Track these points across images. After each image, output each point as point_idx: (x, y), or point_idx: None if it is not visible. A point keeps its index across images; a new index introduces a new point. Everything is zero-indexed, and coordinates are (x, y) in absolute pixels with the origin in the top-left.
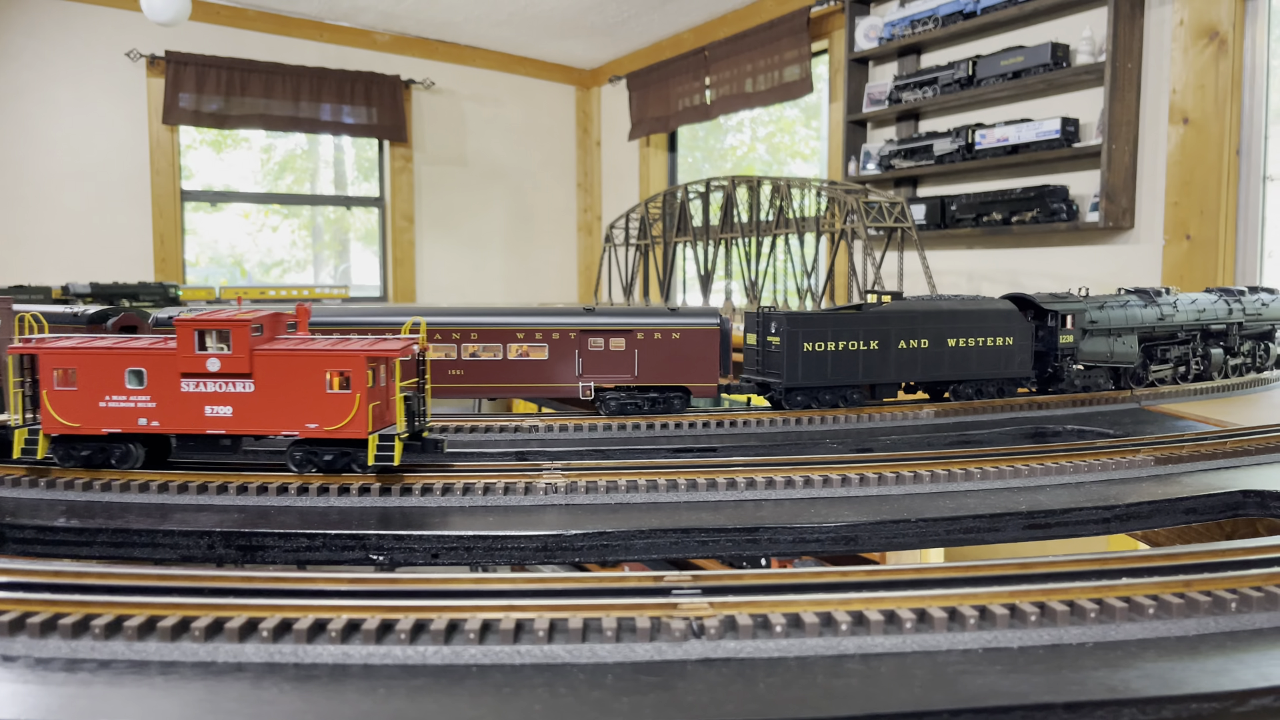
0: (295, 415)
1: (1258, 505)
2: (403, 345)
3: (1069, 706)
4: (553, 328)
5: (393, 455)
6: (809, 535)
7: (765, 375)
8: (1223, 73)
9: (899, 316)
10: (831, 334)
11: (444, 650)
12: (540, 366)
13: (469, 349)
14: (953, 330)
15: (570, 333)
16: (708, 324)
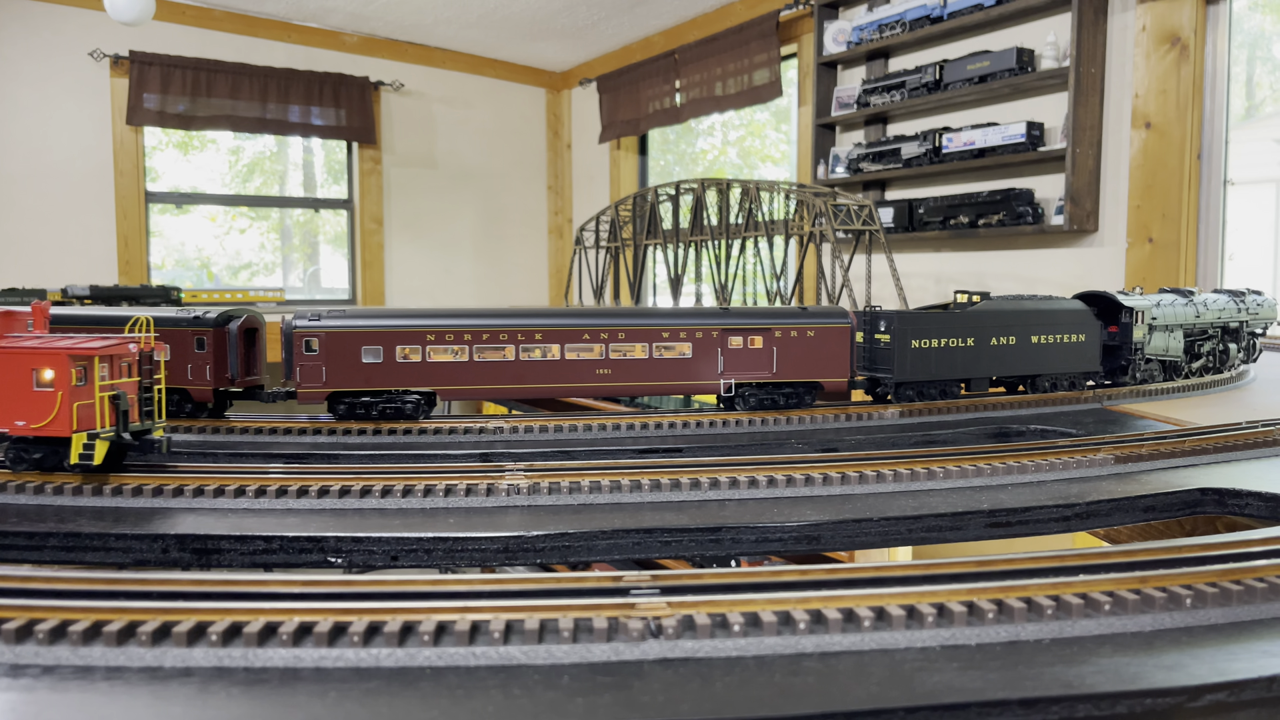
0: (7, 413)
1: (1215, 503)
2: (113, 344)
3: (1024, 702)
4: (696, 327)
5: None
6: (771, 535)
7: (875, 371)
8: (1184, 78)
9: (993, 315)
10: (936, 331)
11: (398, 653)
12: (684, 365)
13: (616, 349)
14: (1036, 328)
15: (713, 332)
16: (840, 323)
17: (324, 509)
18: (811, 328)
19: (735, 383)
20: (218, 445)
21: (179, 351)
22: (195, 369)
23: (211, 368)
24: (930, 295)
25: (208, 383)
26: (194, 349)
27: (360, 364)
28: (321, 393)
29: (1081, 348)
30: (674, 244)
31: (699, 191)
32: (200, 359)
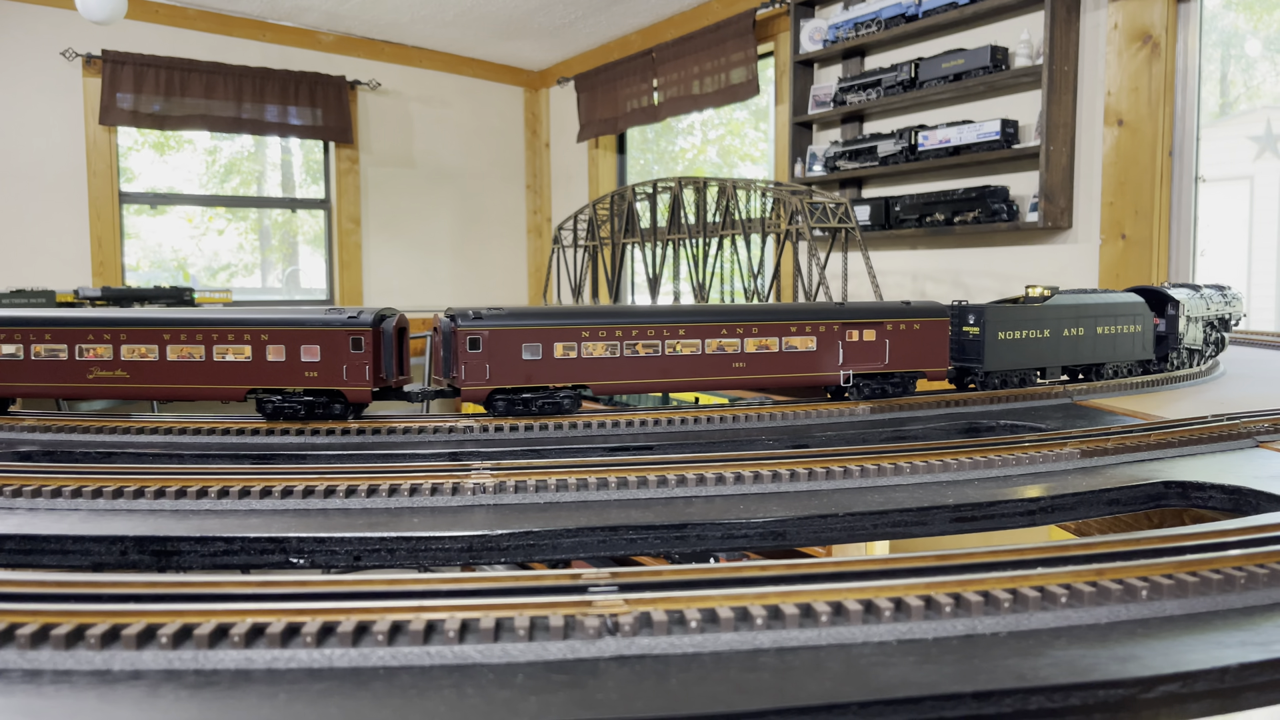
0: None
1: (1179, 495)
2: None
3: (978, 695)
4: (820, 321)
5: None
6: (737, 531)
7: (964, 361)
8: (1155, 76)
9: (1065, 308)
10: (1019, 324)
11: (351, 653)
12: (810, 357)
13: (751, 344)
14: (1101, 320)
15: (834, 326)
16: (939, 317)
17: (287, 509)
18: (916, 321)
19: (853, 373)
20: (184, 447)
21: (334, 353)
22: (352, 370)
23: (370, 368)
24: (907, 292)
25: (365, 383)
26: (349, 349)
27: (520, 361)
28: (485, 389)
29: (1138, 338)
30: (652, 242)
31: (676, 190)
32: (358, 359)
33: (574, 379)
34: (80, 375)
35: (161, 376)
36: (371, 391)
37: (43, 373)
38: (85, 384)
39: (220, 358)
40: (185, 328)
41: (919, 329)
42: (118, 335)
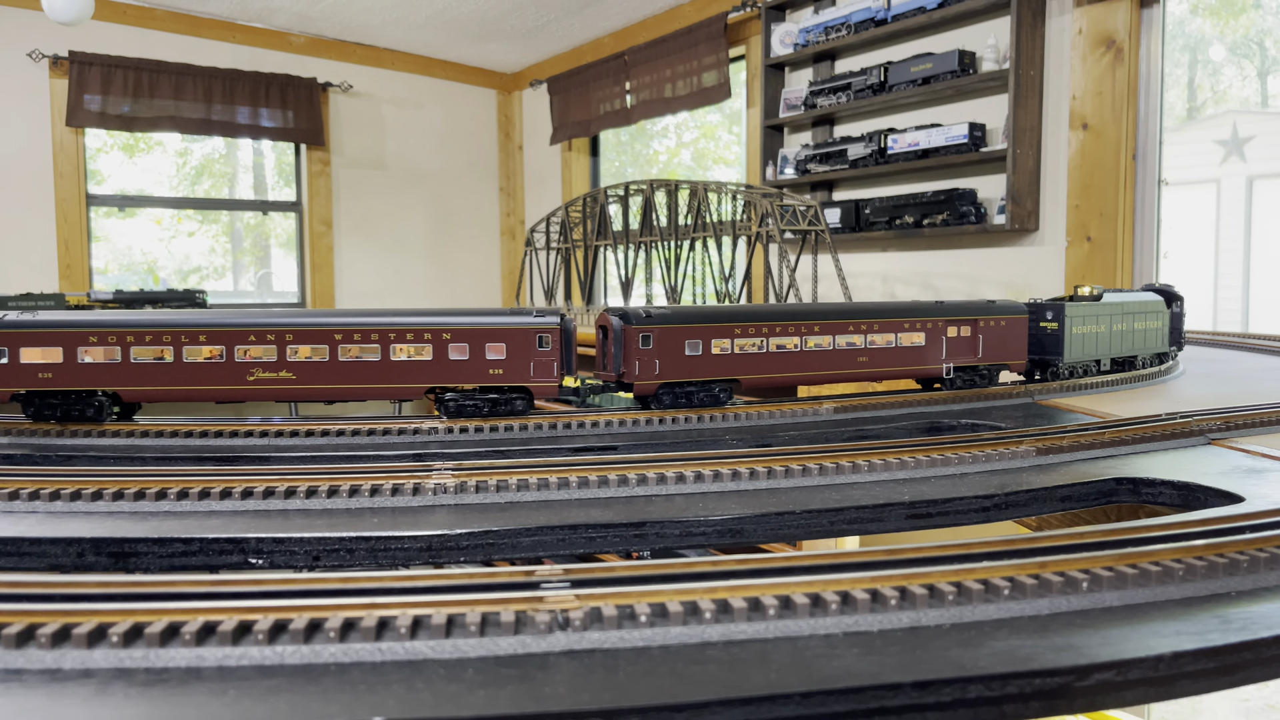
0: None
1: (1130, 492)
2: None
3: (918, 685)
4: (927, 318)
5: None
6: (695, 528)
7: (1043, 354)
8: (1119, 80)
9: (1115, 305)
10: (1089, 320)
11: (303, 650)
12: (919, 351)
13: (873, 339)
14: (1137, 315)
15: (939, 322)
16: (1021, 314)
17: (247, 510)
18: (1002, 318)
19: (952, 366)
20: (145, 449)
21: (521, 351)
22: (539, 366)
23: (557, 364)
24: (877, 294)
25: (553, 379)
26: (536, 347)
27: (684, 357)
28: (654, 384)
29: (1160, 332)
30: (625, 245)
31: (648, 193)
32: (544, 356)
33: (728, 373)
34: (240, 378)
35: (332, 377)
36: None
37: (197, 376)
38: (245, 386)
39: (398, 357)
40: (359, 329)
41: (1004, 325)
42: (283, 336)
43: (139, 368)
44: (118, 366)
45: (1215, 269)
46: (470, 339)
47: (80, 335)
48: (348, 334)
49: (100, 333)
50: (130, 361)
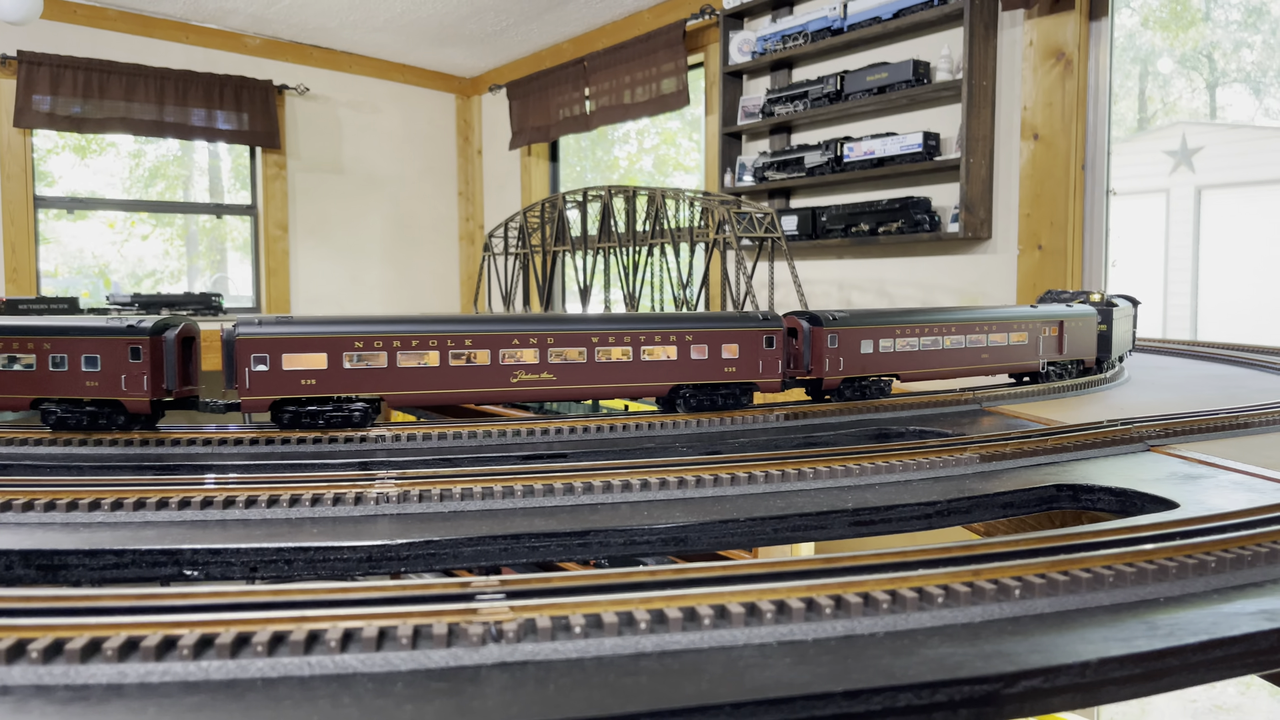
0: None
1: (1070, 498)
2: None
3: (848, 694)
4: (1029, 320)
5: None
6: (639, 537)
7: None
8: (1069, 91)
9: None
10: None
11: (229, 665)
12: (1025, 348)
13: (993, 338)
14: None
15: (1038, 323)
16: (1093, 316)
17: (184, 521)
18: (1080, 320)
19: (1046, 361)
20: (81, 458)
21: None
22: (766, 365)
23: (781, 362)
24: (833, 301)
25: (777, 376)
26: (763, 347)
27: (860, 354)
28: (839, 379)
29: (1131, 333)
30: (583, 251)
31: (606, 199)
32: (771, 356)
33: (892, 369)
34: (504, 380)
35: (589, 377)
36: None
37: (462, 380)
38: (509, 388)
39: (646, 358)
40: (614, 332)
41: (1082, 325)
42: (545, 340)
43: (404, 373)
44: (383, 372)
45: (1165, 277)
46: (709, 340)
47: (346, 341)
48: (604, 337)
49: (366, 339)
50: (396, 367)
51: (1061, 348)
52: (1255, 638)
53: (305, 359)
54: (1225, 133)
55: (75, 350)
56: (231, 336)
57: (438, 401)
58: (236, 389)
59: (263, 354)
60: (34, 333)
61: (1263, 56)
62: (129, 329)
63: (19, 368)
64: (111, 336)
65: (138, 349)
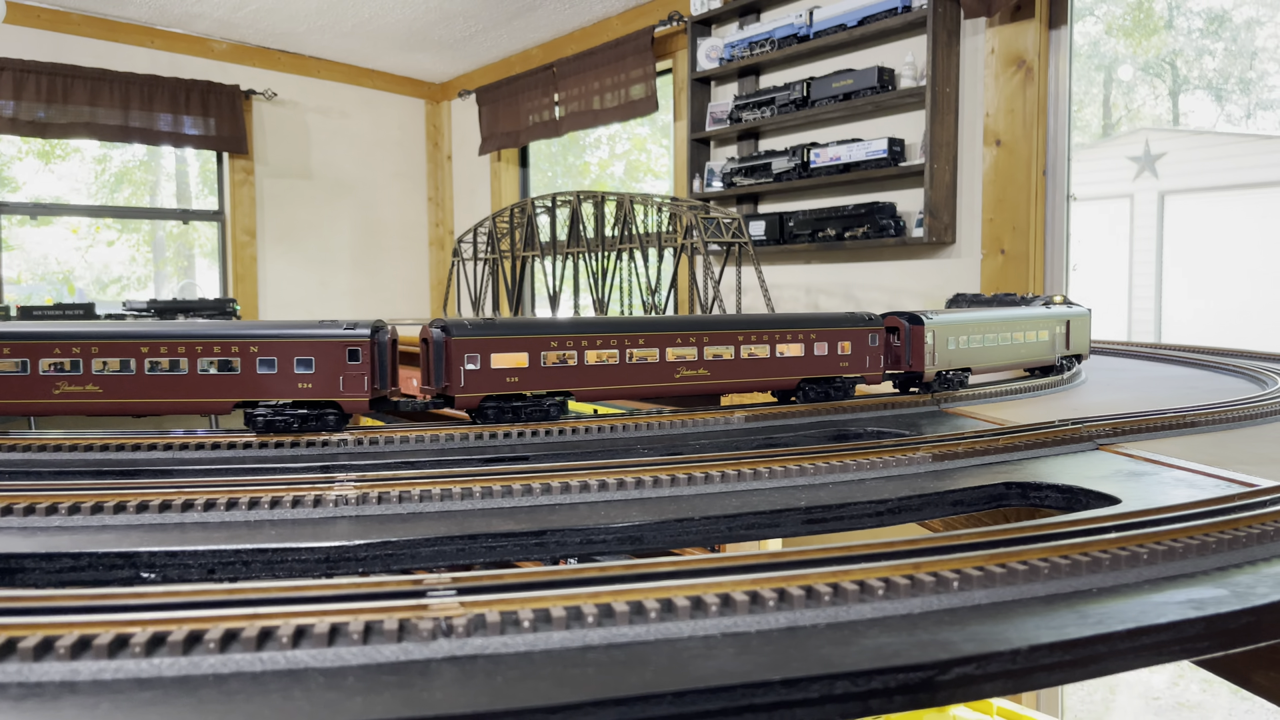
0: None
1: (1019, 496)
2: None
3: (786, 682)
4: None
5: None
6: (596, 536)
7: None
8: (1030, 98)
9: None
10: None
11: (181, 661)
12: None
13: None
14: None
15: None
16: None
17: (142, 524)
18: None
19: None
20: (41, 464)
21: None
22: (872, 361)
23: (883, 358)
24: (800, 305)
25: (879, 370)
26: (869, 344)
27: (947, 350)
28: (935, 371)
29: None
30: (552, 256)
31: (575, 204)
32: (875, 353)
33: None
34: (669, 376)
35: (736, 373)
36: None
37: (635, 376)
38: (672, 383)
39: (780, 354)
40: (755, 330)
41: (1077, 323)
42: (701, 338)
43: (590, 369)
44: (572, 369)
45: (1130, 281)
46: (829, 338)
47: (544, 341)
48: (748, 336)
49: (560, 338)
50: (583, 364)
51: (1069, 344)
52: (1181, 625)
53: (510, 358)
54: (1188, 139)
55: (288, 353)
56: (444, 338)
57: (615, 396)
58: (447, 387)
59: (475, 354)
60: (240, 336)
61: (1224, 63)
62: (348, 331)
63: (219, 371)
64: (330, 339)
65: (357, 351)
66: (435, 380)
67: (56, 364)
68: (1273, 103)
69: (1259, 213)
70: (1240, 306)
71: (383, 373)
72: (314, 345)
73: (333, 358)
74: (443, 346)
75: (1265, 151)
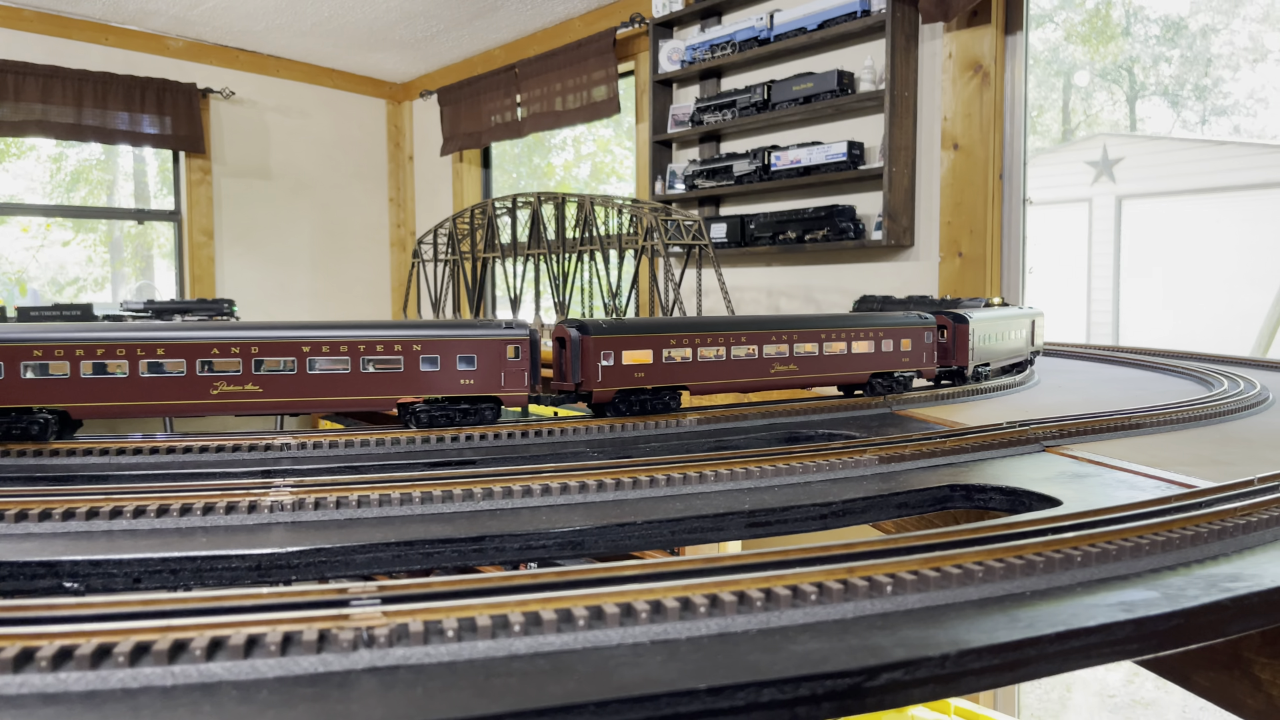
0: None
1: (964, 498)
2: None
3: (711, 690)
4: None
5: None
6: (535, 541)
7: None
8: (986, 103)
9: None
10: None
11: (89, 676)
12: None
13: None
14: None
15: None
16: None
17: (68, 532)
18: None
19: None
20: None
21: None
22: (928, 355)
23: (939, 353)
24: (762, 307)
25: (935, 364)
26: (924, 341)
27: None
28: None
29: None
30: (512, 257)
31: (536, 205)
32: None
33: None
34: (764, 371)
35: (817, 368)
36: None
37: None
38: (767, 377)
39: (856, 350)
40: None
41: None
42: (790, 335)
43: (702, 365)
44: (689, 365)
45: (1088, 284)
46: (894, 336)
47: (665, 339)
48: (828, 334)
49: (679, 336)
50: (697, 361)
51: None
52: (1110, 628)
53: (638, 355)
54: (1144, 144)
55: (451, 351)
56: (581, 337)
57: (722, 389)
58: (583, 382)
59: (610, 351)
60: (403, 336)
61: (1180, 70)
62: (509, 331)
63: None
64: (493, 338)
65: (518, 348)
66: (572, 376)
67: (216, 365)
68: (1226, 109)
69: (1213, 217)
70: (1195, 308)
71: (535, 369)
72: (477, 344)
73: (495, 355)
74: (580, 345)
75: (1219, 157)
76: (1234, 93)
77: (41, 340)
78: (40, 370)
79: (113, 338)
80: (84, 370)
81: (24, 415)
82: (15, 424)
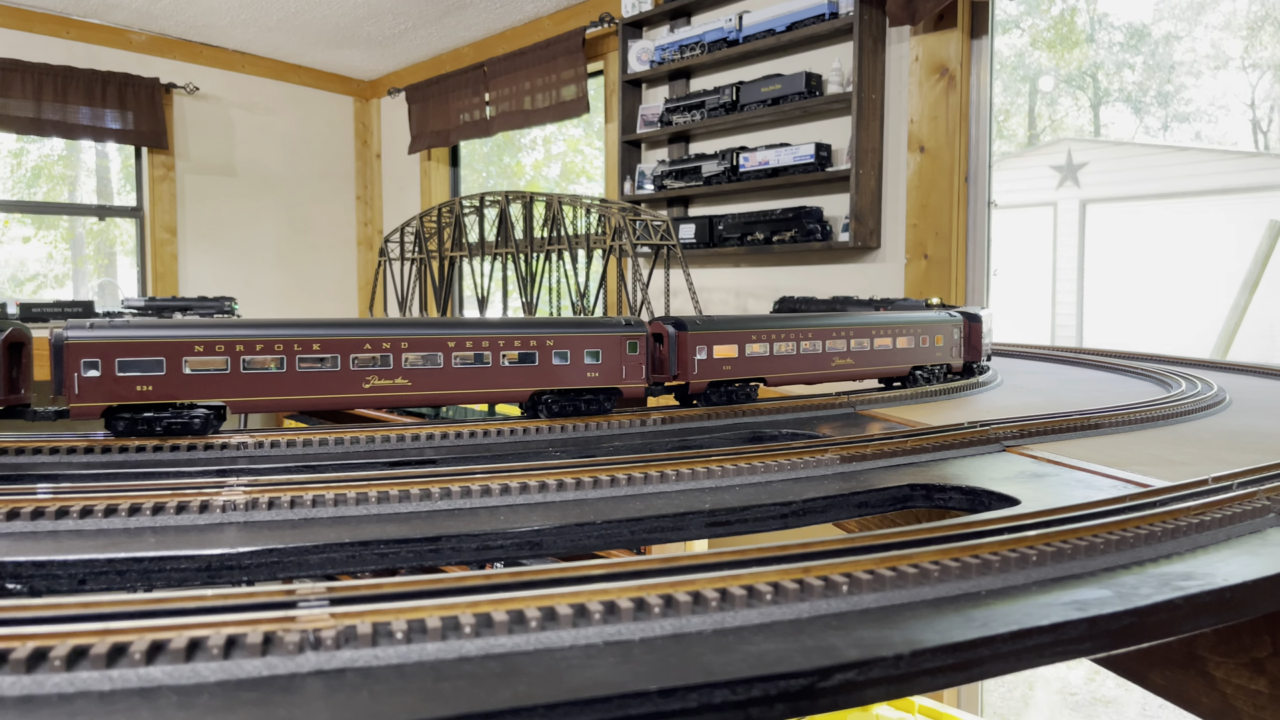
0: None
1: (924, 497)
2: None
3: (663, 692)
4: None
5: None
6: (492, 541)
7: None
8: (952, 106)
9: None
10: None
11: (24, 680)
12: None
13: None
14: None
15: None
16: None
17: (12, 533)
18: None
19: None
20: None
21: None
22: (957, 350)
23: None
24: (730, 308)
25: (960, 359)
26: (953, 337)
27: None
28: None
29: None
30: (480, 256)
31: (504, 204)
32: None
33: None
34: (828, 364)
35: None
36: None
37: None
38: (830, 370)
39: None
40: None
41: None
42: (847, 331)
43: (777, 359)
44: (767, 359)
45: (1053, 287)
46: (930, 332)
47: (747, 335)
48: (879, 330)
49: (759, 332)
50: (773, 355)
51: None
52: (1064, 627)
53: (726, 350)
54: (1108, 149)
55: (579, 346)
56: (678, 333)
57: (792, 381)
58: (679, 374)
59: (703, 345)
60: (537, 332)
61: (1143, 77)
62: (628, 328)
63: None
64: (616, 334)
65: (636, 343)
66: (669, 369)
67: (369, 359)
68: (1188, 115)
69: (1175, 221)
70: (1156, 311)
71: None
72: (602, 339)
73: (617, 350)
74: (677, 340)
75: (1181, 163)
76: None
77: (204, 338)
78: (202, 366)
79: (270, 334)
80: (244, 365)
81: (185, 410)
82: (176, 419)
